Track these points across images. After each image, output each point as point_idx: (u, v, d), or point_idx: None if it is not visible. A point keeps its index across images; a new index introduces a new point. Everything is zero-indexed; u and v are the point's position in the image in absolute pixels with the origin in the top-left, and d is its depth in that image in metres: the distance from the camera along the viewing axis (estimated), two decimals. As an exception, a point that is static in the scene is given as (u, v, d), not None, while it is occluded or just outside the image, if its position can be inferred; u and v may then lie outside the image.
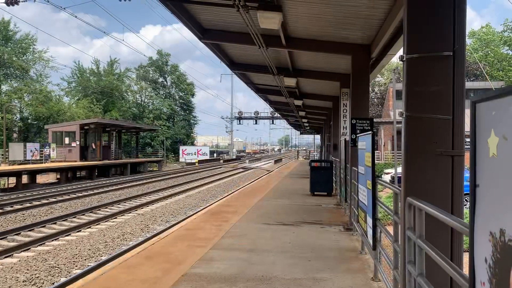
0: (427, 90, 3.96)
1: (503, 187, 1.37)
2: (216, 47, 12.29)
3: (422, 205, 2.93)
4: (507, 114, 1.33)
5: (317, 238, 7.55)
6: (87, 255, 9.55)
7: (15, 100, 41.38)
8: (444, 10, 3.95)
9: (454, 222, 2.27)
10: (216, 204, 12.59)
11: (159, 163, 45.22)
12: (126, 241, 11.04)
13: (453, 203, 3.91)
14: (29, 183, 25.89)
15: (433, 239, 3.36)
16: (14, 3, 21.37)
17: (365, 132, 7.00)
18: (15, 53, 43.88)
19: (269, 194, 14.34)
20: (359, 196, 6.44)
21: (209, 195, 20.99)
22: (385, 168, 25.22)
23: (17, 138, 41.47)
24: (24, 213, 14.94)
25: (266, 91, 20.32)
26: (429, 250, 2.72)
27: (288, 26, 9.19)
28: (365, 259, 6.14)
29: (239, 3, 7.33)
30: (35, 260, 9.08)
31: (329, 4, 7.58)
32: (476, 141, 1.56)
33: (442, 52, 3.91)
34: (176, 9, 8.69)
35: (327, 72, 13.26)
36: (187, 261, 6.00)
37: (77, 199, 18.77)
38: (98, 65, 55.16)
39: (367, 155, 5.44)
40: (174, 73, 65.45)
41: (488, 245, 1.47)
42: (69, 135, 33.01)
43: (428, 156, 3.94)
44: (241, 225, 8.74)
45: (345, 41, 9.57)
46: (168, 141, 58.52)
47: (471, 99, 1.59)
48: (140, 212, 15.49)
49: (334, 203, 12.13)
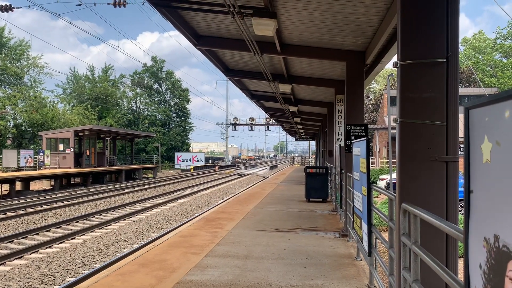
0: (421, 96, 3.99)
1: (497, 193, 1.37)
2: (211, 54, 12.31)
3: (417, 211, 2.93)
4: (500, 120, 1.34)
5: (312, 245, 7.54)
6: (81, 262, 9.47)
7: (9, 106, 41.16)
8: (437, 17, 3.98)
9: (448, 228, 2.27)
10: (211, 211, 12.54)
11: (154, 170, 45.07)
12: (121, 248, 10.96)
13: (447, 209, 3.91)
14: (23, 190, 25.69)
15: (428, 245, 3.37)
16: (9, 9, 21.34)
17: (360, 138, 7.02)
18: (9, 59, 43.73)
19: (265, 201, 14.31)
20: (354, 202, 6.44)
21: (204, 201, 20.91)
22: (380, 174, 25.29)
23: (11, 145, 41.20)
24: (18, 221, 14.81)
25: (262, 98, 20.35)
26: (424, 256, 2.72)
27: (283, 33, 9.23)
28: (360, 266, 6.12)
29: (234, 10, 7.35)
30: (28, 268, 8.99)
31: (323, 11, 7.62)
32: (470, 147, 1.57)
33: (436, 58, 3.94)
34: (171, 15, 8.71)
35: (322, 78, 13.31)
36: (181, 268, 5.96)
37: (71, 206, 18.64)
38: (93, 72, 55.11)
39: (362, 161, 5.44)
40: (169, 79, 65.44)
41: (483, 251, 1.47)
42: (64, 141, 32.85)
43: (422, 162, 3.95)
44: (236, 232, 8.70)
45: (340, 47, 9.62)
46: (163, 148, 58.37)
47: (465, 105, 1.59)
48: (134, 219, 15.41)
49: (330, 209, 12.12)
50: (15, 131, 41.82)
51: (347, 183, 8.13)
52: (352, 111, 9.61)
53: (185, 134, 67.18)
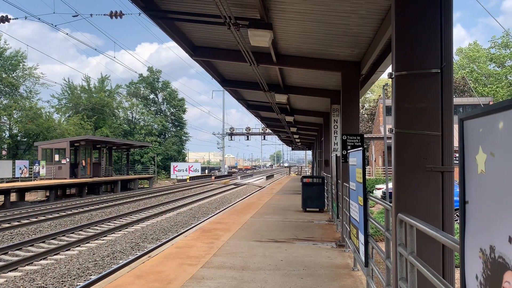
0: (416, 107, 4.01)
1: (492, 204, 1.38)
2: (208, 64, 12.35)
3: (413, 221, 2.93)
4: (495, 131, 1.35)
5: (309, 255, 7.51)
6: (76, 274, 9.37)
7: (4, 117, 41.02)
8: (431, 29, 4.03)
9: (445, 238, 2.28)
10: (207, 222, 12.48)
11: (150, 180, 44.90)
12: (116, 259, 10.87)
13: (443, 219, 3.92)
14: (18, 201, 25.49)
15: (425, 255, 3.36)
16: (5, 20, 21.38)
17: (356, 148, 7.04)
18: (4, 69, 43.68)
19: (261, 211, 14.26)
20: (350, 212, 6.44)
21: (200, 212, 20.82)
22: (376, 183, 25.29)
23: (6, 155, 40.97)
24: (12, 232, 14.68)
25: (258, 107, 20.39)
26: (420, 267, 2.71)
27: (279, 43, 9.29)
28: (357, 276, 6.10)
29: (230, 21, 7.40)
30: (23, 280, 8.89)
31: (318, 22, 7.69)
32: (465, 158, 1.58)
33: (430, 69, 3.98)
34: (168, 27, 8.75)
35: (318, 88, 13.37)
36: (178, 280, 5.91)
37: (66, 217, 18.50)
38: (89, 82, 55.11)
39: (358, 171, 5.45)
40: (165, 90, 65.55)
41: (479, 262, 1.47)
42: (59, 152, 32.71)
43: (418, 172, 3.96)
44: (233, 242, 8.66)
45: (335, 58, 9.68)
46: (159, 158, 58.21)
47: (459, 116, 1.61)
48: (130, 230, 15.30)
49: (326, 219, 12.10)
50: (10, 141, 41.63)
51: (343, 193, 8.13)
52: (347, 121, 9.65)
53: (181, 144, 67.10)
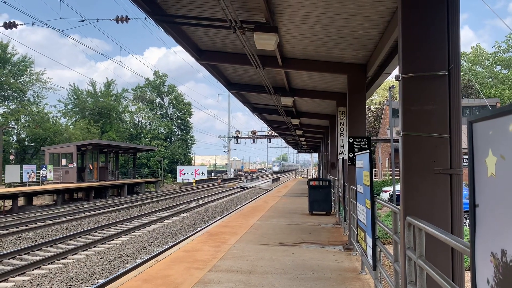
0: (423, 109, 3.99)
1: (503, 207, 1.36)
2: (213, 68, 12.38)
3: (421, 224, 2.91)
4: (505, 134, 1.34)
5: (316, 259, 7.48)
6: (83, 278, 9.40)
7: (12, 121, 41.35)
8: (438, 30, 4.00)
9: (455, 242, 2.25)
10: (214, 225, 12.48)
11: (156, 184, 45.01)
12: (123, 263, 10.89)
13: (452, 222, 3.89)
14: (26, 205, 25.66)
15: (434, 258, 3.34)
16: (13, 26, 21.59)
17: (363, 150, 7.00)
18: (12, 75, 44.09)
19: (268, 214, 14.24)
20: (358, 215, 6.40)
21: (207, 215, 20.83)
22: (383, 186, 25.17)
23: (14, 160, 41.27)
24: (20, 236, 14.76)
25: (263, 111, 20.39)
26: (429, 271, 2.69)
27: (284, 46, 9.29)
28: (365, 280, 6.06)
29: (235, 25, 7.41)
30: (31, 284, 8.93)
31: (324, 25, 7.68)
32: (474, 161, 1.56)
33: (438, 71, 3.95)
34: (174, 31, 8.78)
35: (324, 91, 13.34)
36: (185, 284, 5.91)
37: (74, 221, 18.58)
38: (95, 87, 55.45)
39: (365, 174, 5.43)
40: (171, 94, 65.81)
41: (490, 266, 1.45)
42: (66, 156, 32.91)
43: (426, 175, 3.93)
44: (239, 246, 8.65)
45: (341, 60, 9.66)
46: (165, 161, 58.36)
47: (468, 119, 1.59)
48: (137, 234, 15.34)
49: (333, 222, 12.05)
50: (18, 146, 41.94)
51: (350, 196, 8.09)
52: (354, 123, 9.62)
53: (187, 147, 67.26)
